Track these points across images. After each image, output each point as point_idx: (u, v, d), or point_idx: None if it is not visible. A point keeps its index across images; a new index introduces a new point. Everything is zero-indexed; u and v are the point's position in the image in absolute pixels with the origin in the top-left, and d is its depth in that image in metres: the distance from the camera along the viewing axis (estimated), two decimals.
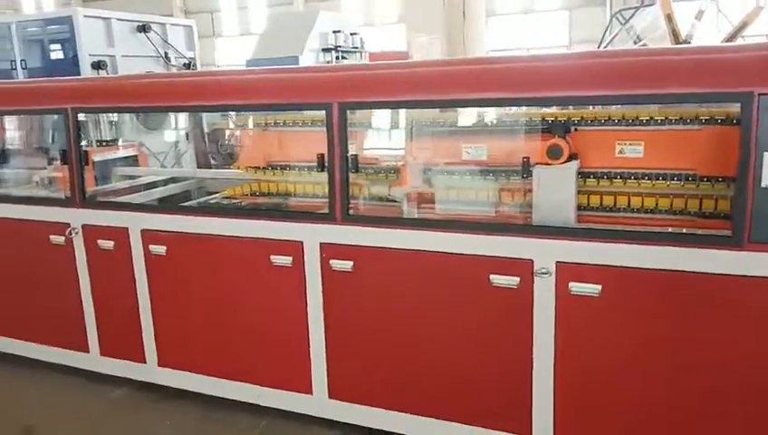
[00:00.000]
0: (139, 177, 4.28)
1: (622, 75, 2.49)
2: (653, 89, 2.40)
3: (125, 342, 3.67)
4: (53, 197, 3.82)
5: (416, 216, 3.08)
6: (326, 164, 2.94)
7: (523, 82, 2.63)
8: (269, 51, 8.26)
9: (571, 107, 2.85)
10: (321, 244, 3.00)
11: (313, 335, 3.12)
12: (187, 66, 11.49)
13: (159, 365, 3.59)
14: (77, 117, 3.47)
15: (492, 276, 2.68)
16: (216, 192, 4.15)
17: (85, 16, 9.32)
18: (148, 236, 3.41)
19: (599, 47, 8.65)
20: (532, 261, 2.61)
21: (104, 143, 4.22)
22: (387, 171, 3.15)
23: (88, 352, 3.79)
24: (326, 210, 3.00)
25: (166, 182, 4.30)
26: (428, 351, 2.90)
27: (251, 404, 3.39)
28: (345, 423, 3.18)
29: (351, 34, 9.27)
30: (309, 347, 3.15)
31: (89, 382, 3.83)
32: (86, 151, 3.54)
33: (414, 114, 3.06)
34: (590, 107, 2.84)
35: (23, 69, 10.04)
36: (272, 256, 3.10)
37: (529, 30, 20.25)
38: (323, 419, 3.23)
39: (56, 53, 9.77)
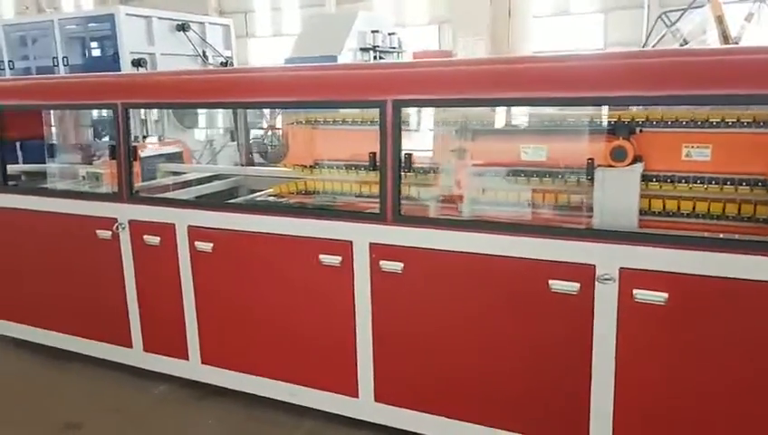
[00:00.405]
0: (184, 173, 4.27)
1: (690, 75, 2.38)
2: (720, 89, 2.29)
3: (168, 338, 3.66)
4: (101, 192, 3.83)
5: (469, 217, 3.00)
6: (378, 163, 2.88)
7: (589, 80, 2.53)
8: (307, 50, 8.26)
9: (635, 108, 2.75)
10: (370, 244, 2.94)
11: (360, 337, 3.06)
12: (224, 65, 11.60)
13: (203, 363, 3.57)
14: (127, 112, 3.47)
15: (551, 282, 2.58)
16: (259, 190, 4.14)
17: (127, 14, 9.42)
18: (195, 233, 3.39)
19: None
20: (594, 266, 2.51)
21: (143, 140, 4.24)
22: (439, 171, 3.08)
23: (131, 347, 3.79)
24: (376, 210, 2.94)
25: (209, 179, 4.30)
26: (480, 357, 2.82)
27: (293, 405, 3.35)
28: (391, 428, 3.11)
29: (389, 34, 9.22)
30: (356, 349, 3.09)
31: (132, 378, 3.83)
32: (135, 147, 3.53)
33: (469, 113, 2.98)
34: (657, 108, 2.73)
35: (64, 66, 10.20)
36: (320, 256, 3.05)
37: (564, 32, 20.02)
38: (368, 422, 3.17)
39: (97, 50, 9.90)
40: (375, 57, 8.97)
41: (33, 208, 3.92)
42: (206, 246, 3.36)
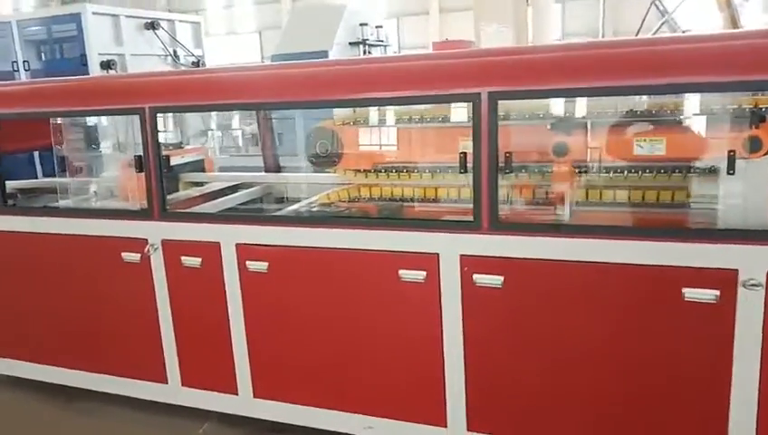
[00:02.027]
0: (207, 183, 3.84)
1: None
2: None
3: (212, 371, 3.24)
4: (125, 209, 3.37)
5: (580, 221, 2.69)
6: (469, 164, 2.54)
7: (713, 64, 2.25)
8: (295, 45, 7.82)
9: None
10: (461, 256, 2.61)
11: (450, 360, 2.72)
12: (196, 65, 11.03)
13: (255, 396, 3.17)
14: (155, 117, 3.03)
15: (684, 290, 2.30)
16: (291, 198, 3.75)
17: (94, 13, 8.78)
18: (246, 251, 2.99)
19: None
20: (736, 271, 2.24)
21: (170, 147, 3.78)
22: (542, 171, 2.76)
23: (166, 383, 3.35)
24: (468, 218, 2.60)
25: (233, 189, 3.87)
26: (598, 379, 2.52)
27: None
28: None
29: (377, 27, 8.86)
30: (443, 374, 2.75)
31: (168, 418, 3.40)
32: (167, 157, 3.10)
33: (570, 104, 2.68)
34: None
35: (25, 70, 9.49)
36: (400, 271, 2.70)
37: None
38: None
39: (63, 52, 9.23)
40: (364, 51, 8.59)
41: (41, 231, 3.44)
42: (259, 266, 2.96)
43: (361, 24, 8.45)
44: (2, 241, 3.55)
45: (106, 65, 9.05)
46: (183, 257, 3.11)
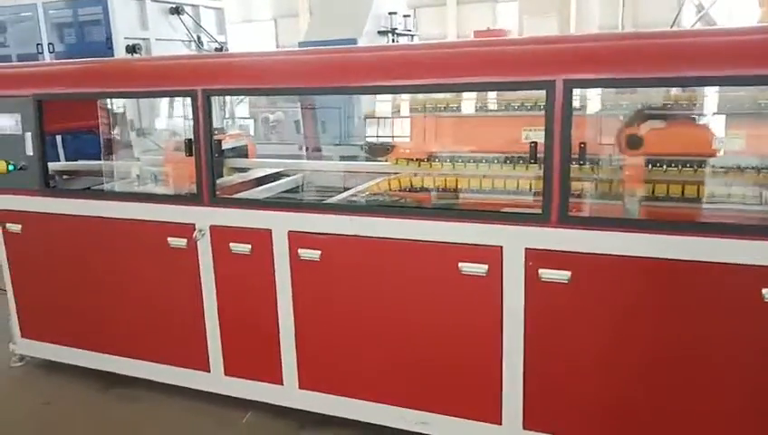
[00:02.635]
0: (249, 169, 3.76)
1: None
2: None
3: (257, 360, 3.19)
4: (173, 193, 3.30)
5: (651, 216, 2.60)
6: (539, 154, 2.46)
7: None
8: (323, 33, 7.70)
9: None
10: (526, 249, 2.53)
11: (508, 356, 2.65)
12: (219, 51, 10.94)
13: (301, 387, 3.11)
14: (209, 100, 2.96)
15: (764, 291, 2.21)
16: (325, 186, 3.67)
17: None
18: (298, 239, 2.92)
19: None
20: None
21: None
22: (612, 163, 2.67)
23: (209, 371, 3.30)
24: (535, 210, 2.52)
25: (274, 177, 3.78)
26: (666, 381, 2.43)
27: (415, 433, 2.93)
28: None
29: (405, 16, 8.74)
30: (501, 371, 2.68)
31: (209, 407, 3.34)
32: (218, 141, 3.03)
33: (645, 94, 2.58)
34: None
35: (50, 53, 9.45)
36: (460, 264, 2.63)
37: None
38: None
39: (88, 35, 9.18)
40: (393, 41, 8.47)
41: (84, 214, 3.38)
42: (311, 255, 2.89)
43: (390, 13, 8.33)
44: (44, 224, 3.50)
45: (131, 49, 8.98)
46: (232, 244, 3.05)
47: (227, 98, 4.32)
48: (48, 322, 3.70)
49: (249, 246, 3.02)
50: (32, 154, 3.45)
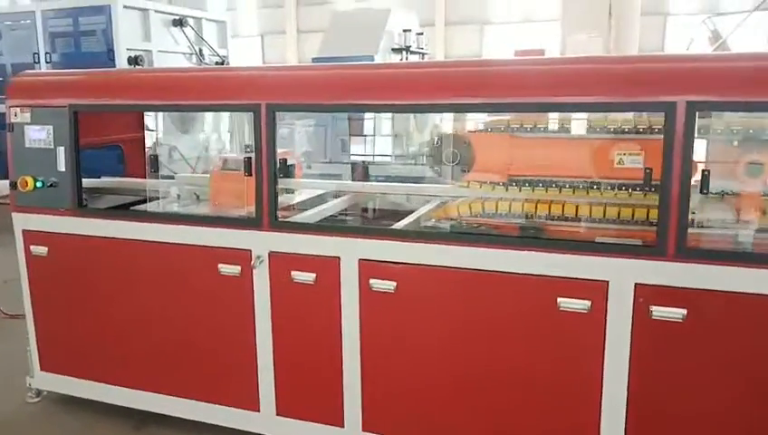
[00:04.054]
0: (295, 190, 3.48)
1: None
2: None
3: (315, 400, 2.91)
4: (227, 216, 3.03)
5: None
6: (652, 182, 2.26)
7: None
8: (338, 49, 7.52)
9: None
10: (636, 285, 2.31)
11: (609, 399, 2.42)
12: (220, 64, 10.69)
13: (365, 430, 2.84)
14: (273, 115, 2.71)
15: None
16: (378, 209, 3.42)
17: (125, 6, 8.43)
18: (370, 268, 2.67)
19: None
20: None
21: None
22: (726, 192, 2.47)
23: (258, 410, 3.01)
24: (646, 241, 2.32)
25: (320, 200, 3.51)
26: None
27: None
28: None
29: (418, 34, 8.60)
30: (599, 417, 2.45)
31: None
32: (283, 160, 2.78)
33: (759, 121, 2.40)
34: None
35: (46, 63, 9.11)
36: (559, 299, 2.40)
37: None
38: None
39: (88, 45, 8.86)
40: (405, 58, 8.31)
41: (121, 236, 3.09)
42: (385, 286, 2.64)
43: (405, 31, 8.18)
44: (75, 246, 3.20)
45: (133, 61, 8.69)
46: (294, 272, 2.78)
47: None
48: (72, 354, 3.37)
49: (313, 275, 2.76)
50: (63, 170, 3.16)
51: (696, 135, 2.21)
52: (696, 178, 2.27)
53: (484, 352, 2.58)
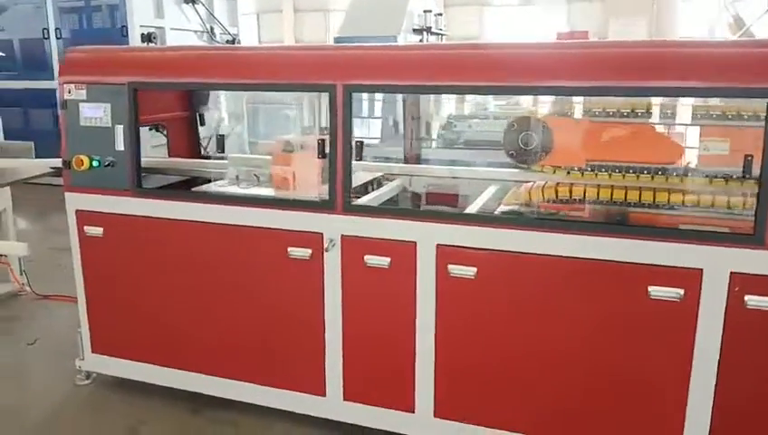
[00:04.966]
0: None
1: None
2: None
3: (385, 385, 2.88)
4: (298, 199, 2.97)
5: None
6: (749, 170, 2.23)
7: None
8: (360, 29, 7.40)
9: None
10: (732, 273, 2.29)
11: (696, 392, 2.40)
12: (231, 43, 10.53)
13: (436, 416, 2.82)
14: (350, 96, 2.64)
15: None
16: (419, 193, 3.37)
17: None
18: (448, 253, 2.62)
19: None
20: None
21: None
22: None
23: (324, 395, 2.98)
24: (743, 230, 2.28)
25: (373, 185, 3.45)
26: None
27: None
28: None
29: (437, 15, 8.49)
30: (684, 412, 2.43)
31: (320, 432, 3.02)
32: (360, 143, 2.72)
33: None
34: None
35: (57, 39, 8.93)
36: (649, 288, 2.37)
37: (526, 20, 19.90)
38: None
39: (100, 22, 8.69)
40: (426, 39, 8.20)
41: (183, 218, 3.03)
42: (465, 272, 2.60)
43: (425, 11, 8.07)
44: (132, 227, 3.13)
45: (147, 38, 8.48)
46: (367, 256, 2.74)
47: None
48: (126, 336, 3.32)
49: (388, 259, 2.71)
50: (122, 149, 3.08)
51: None
52: None
53: (568, 340, 2.55)
